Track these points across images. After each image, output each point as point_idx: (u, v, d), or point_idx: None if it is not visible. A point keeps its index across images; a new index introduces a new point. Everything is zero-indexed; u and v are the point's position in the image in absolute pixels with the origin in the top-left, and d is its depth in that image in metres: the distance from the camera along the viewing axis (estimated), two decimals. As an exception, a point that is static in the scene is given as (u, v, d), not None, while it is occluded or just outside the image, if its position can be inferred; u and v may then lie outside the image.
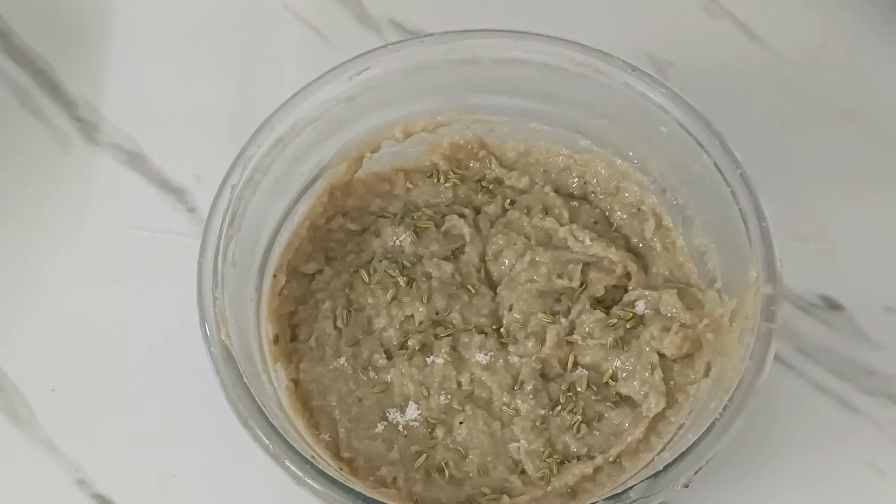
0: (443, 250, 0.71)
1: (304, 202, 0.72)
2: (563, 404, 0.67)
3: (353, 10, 0.84)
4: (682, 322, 0.68)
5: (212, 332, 0.63)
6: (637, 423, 0.66)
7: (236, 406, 0.61)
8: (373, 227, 0.72)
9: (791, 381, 0.72)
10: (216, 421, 0.66)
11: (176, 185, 0.79)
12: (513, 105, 0.72)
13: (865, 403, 0.72)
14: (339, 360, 0.68)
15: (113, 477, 0.70)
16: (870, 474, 0.70)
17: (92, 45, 0.83)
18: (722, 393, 0.62)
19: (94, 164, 0.79)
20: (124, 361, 0.73)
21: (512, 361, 0.68)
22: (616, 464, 0.66)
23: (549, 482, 0.65)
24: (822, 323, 0.74)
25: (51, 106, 0.81)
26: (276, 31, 0.84)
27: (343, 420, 0.67)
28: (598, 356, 0.68)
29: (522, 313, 0.69)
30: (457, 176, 0.74)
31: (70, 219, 0.78)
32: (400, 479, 0.65)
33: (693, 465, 0.60)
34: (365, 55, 0.70)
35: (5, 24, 0.83)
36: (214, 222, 0.65)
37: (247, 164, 0.67)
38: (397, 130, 0.73)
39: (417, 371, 0.67)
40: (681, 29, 0.83)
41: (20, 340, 0.74)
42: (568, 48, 0.69)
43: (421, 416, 0.67)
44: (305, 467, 0.60)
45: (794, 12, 0.84)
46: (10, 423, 0.71)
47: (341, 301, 0.70)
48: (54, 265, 0.76)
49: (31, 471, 0.70)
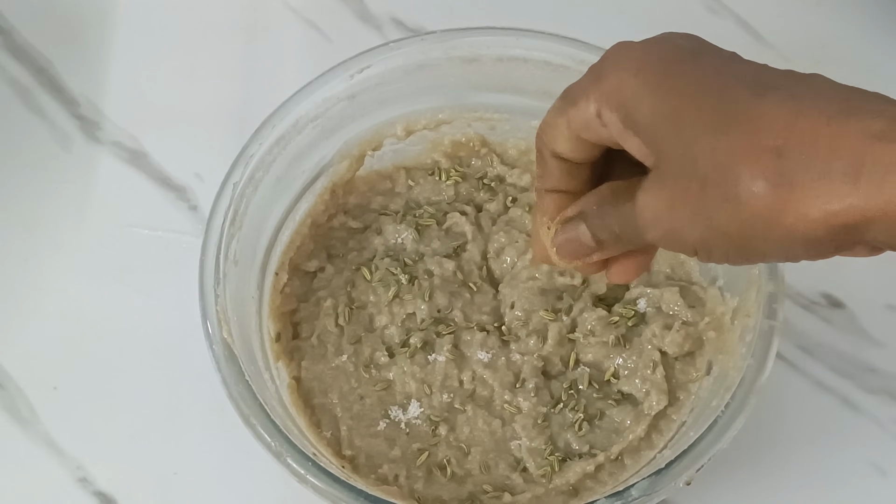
0: (444, 248, 0.71)
1: (305, 200, 0.72)
2: (565, 402, 0.67)
3: (354, 8, 0.84)
4: (683, 320, 0.68)
5: (213, 330, 0.63)
6: (639, 420, 0.66)
7: (238, 404, 0.61)
8: (374, 225, 0.72)
9: (793, 378, 0.72)
10: (218, 419, 0.66)
11: (177, 184, 0.79)
12: (514, 103, 0.72)
13: (867, 401, 0.72)
14: (341, 357, 0.68)
15: (114, 475, 0.70)
16: (871, 472, 0.70)
17: (93, 43, 0.83)
18: (723, 391, 0.62)
19: (96, 163, 0.79)
20: (126, 359, 0.73)
21: (513, 359, 0.68)
22: (617, 461, 0.66)
23: (550, 480, 0.65)
24: (824, 321, 0.74)
25: (52, 104, 0.81)
26: (277, 29, 0.84)
27: (345, 418, 0.67)
28: (600, 354, 0.68)
29: (524, 311, 0.69)
30: (458, 174, 0.74)
31: (71, 217, 0.78)
32: (402, 477, 0.65)
33: (695, 462, 0.60)
34: (366, 53, 0.70)
35: (6, 23, 0.83)
36: (216, 220, 0.65)
37: (248, 162, 0.67)
38: (399, 128, 0.73)
39: (419, 369, 0.67)
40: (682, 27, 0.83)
41: (21, 338, 0.74)
42: (569, 46, 0.69)
43: (423, 413, 0.67)
44: (307, 465, 0.60)
45: (796, 11, 0.84)
46: (12, 422, 0.71)
47: (343, 299, 0.70)
48: (55, 263, 0.76)
49: (32, 469, 0.70)
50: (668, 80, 0.49)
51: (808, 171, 0.44)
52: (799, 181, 0.44)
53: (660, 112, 0.48)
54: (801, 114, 0.45)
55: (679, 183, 0.48)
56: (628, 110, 0.49)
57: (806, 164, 0.44)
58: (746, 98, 0.47)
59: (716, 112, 0.47)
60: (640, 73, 0.49)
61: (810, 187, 0.44)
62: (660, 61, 0.50)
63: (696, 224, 0.48)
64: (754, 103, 0.46)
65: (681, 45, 0.51)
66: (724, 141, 0.46)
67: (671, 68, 0.49)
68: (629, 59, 0.50)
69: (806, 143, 0.44)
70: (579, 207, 0.54)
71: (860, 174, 0.44)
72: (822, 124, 0.44)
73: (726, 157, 0.46)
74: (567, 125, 0.53)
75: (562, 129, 0.53)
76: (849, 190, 0.44)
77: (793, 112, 0.45)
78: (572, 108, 0.52)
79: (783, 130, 0.45)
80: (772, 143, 0.45)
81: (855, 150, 0.44)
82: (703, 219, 0.48)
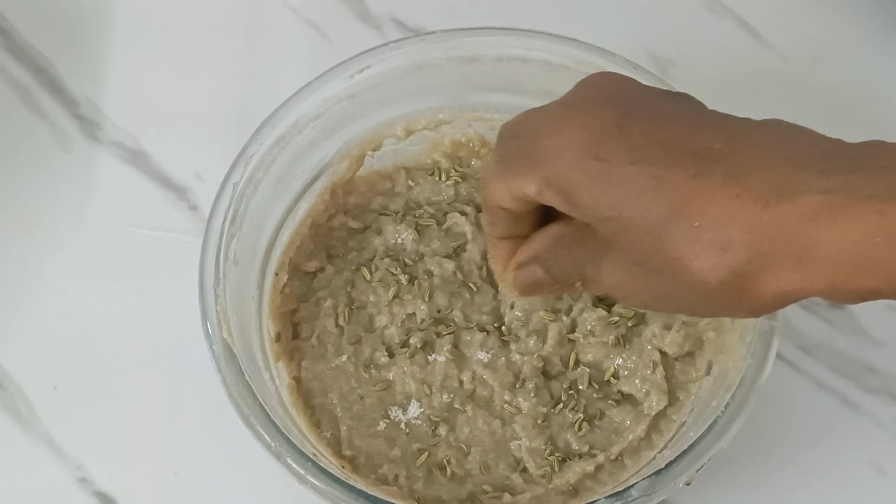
0: (444, 248, 0.71)
1: (305, 200, 0.72)
2: (565, 402, 0.67)
3: (354, 8, 0.84)
4: (683, 320, 0.68)
5: (213, 330, 0.63)
6: (639, 420, 0.66)
7: (238, 404, 0.61)
8: (374, 225, 0.72)
9: (793, 379, 0.72)
10: (218, 419, 0.66)
11: (177, 184, 0.79)
12: (514, 103, 0.72)
13: (867, 401, 0.72)
14: (341, 357, 0.68)
15: (114, 475, 0.70)
16: (871, 472, 0.70)
17: (93, 43, 0.83)
18: (723, 391, 0.62)
19: (95, 163, 0.79)
20: (126, 359, 0.73)
21: (513, 359, 0.68)
22: (617, 462, 0.66)
23: (550, 480, 0.65)
24: (824, 321, 0.74)
25: (52, 104, 0.81)
26: (277, 29, 0.84)
27: (345, 418, 0.67)
28: (600, 354, 0.68)
29: (524, 311, 0.69)
30: (458, 174, 0.74)
31: (71, 217, 0.77)
32: (402, 477, 0.65)
33: (695, 462, 0.60)
34: (366, 53, 0.70)
35: (6, 23, 0.83)
36: (216, 220, 0.65)
37: (248, 162, 0.67)
38: (399, 128, 0.73)
39: (419, 369, 0.67)
40: (682, 27, 0.83)
41: (21, 338, 0.74)
42: (569, 46, 0.69)
43: (423, 413, 0.67)
44: (307, 465, 0.60)
45: (796, 10, 0.84)
46: (12, 421, 0.71)
47: (343, 299, 0.70)
48: (55, 263, 0.76)
49: (32, 469, 0.70)
50: (607, 167, 0.50)
51: (752, 264, 0.47)
52: (748, 274, 0.47)
53: (603, 205, 0.50)
54: (739, 199, 0.47)
55: (633, 272, 0.51)
56: (571, 199, 0.51)
57: (748, 259, 0.47)
58: (685, 182, 0.48)
59: (657, 202, 0.48)
60: (577, 164, 0.50)
61: (758, 278, 0.47)
62: (595, 144, 0.50)
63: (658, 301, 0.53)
64: (693, 190, 0.48)
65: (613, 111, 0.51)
66: (671, 236, 0.48)
67: (607, 149, 0.50)
68: (566, 145, 0.51)
69: (747, 233, 0.47)
70: (532, 252, 0.56)
71: (801, 259, 0.46)
72: (760, 210, 0.47)
73: (674, 251, 0.48)
74: (508, 191, 0.54)
75: (503, 192, 0.54)
76: (793, 275, 0.47)
77: (731, 198, 0.47)
78: (512, 180, 0.53)
79: (724, 223, 0.47)
80: (715, 238, 0.47)
81: (793, 235, 0.46)
82: (663, 301, 0.53)
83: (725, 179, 0.47)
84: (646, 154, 0.49)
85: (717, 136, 0.49)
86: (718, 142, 0.49)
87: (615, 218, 0.49)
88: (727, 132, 0.50)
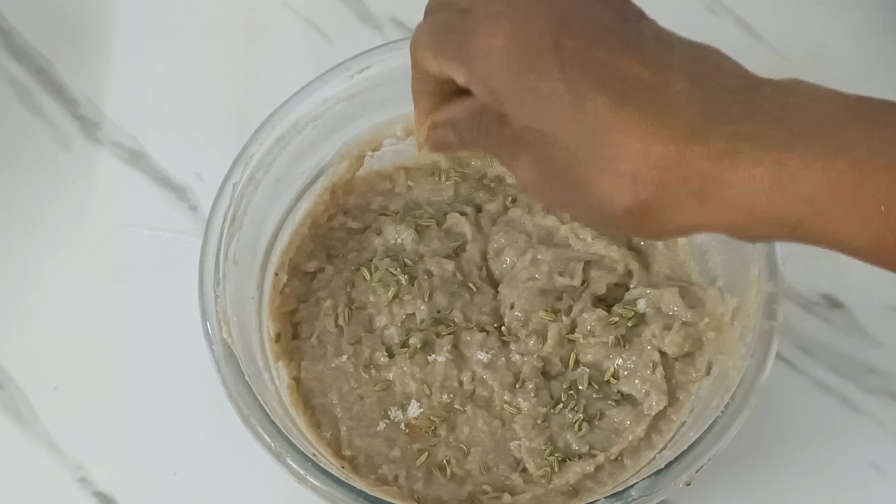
0: (444, 248, 0.71)
1: (305, 200, 0.72)
2: (565, 402, 0.67)
3: (354, 8, 0.84)
4: (683, 320, 0.68)
5: (213, 331, 0.63)
6: (638, 421, 0.66)
7: (238, 404, 0.61)
8: (374, 226, 0.72)
9: (792, 379, 0.72)
10: (218, 419, 0.66)
11: (177, 184, 0.79)
12: (514, 103, 0.72)
13: (866, 401, 0.72)
14: (341, 358, 0.68)
15: (114, 475, 0.70)
16: (871, 472, 0.70)
17: (93, 44, 0.83)
18: (723, 391, 0.62)
19: (95, 163, 0.79)
20: (126, 359, 0.73)
21: (513, 360, 0.68)
22: (617, 462, 0.66)
23: (550, 480, 0.65)
24: (824, 321, 0.74)
25: (52, 104, 0.81)
26: (277, 30, 0.84)
27: (344, 418, 0.67)
28: (600, 354, 0.68)
29: (524, 311, 0.69)
30: (458, 174, 0.74)
31: (71, 217, 0.78)
32: (401, 477, 0.65)
33: (694, 463, 0.60)
34: (366, 53, 0.70)
35: (6, 23, 0.83)
36: (216, 221, 0.66)
37: (248, 162, 0.67)
38: (398, 128, 0.73)
39: (419, 369, 0.67)
40: (682, 27, 0.83)
41: (21, 338, 0.74)
42: (569, 46, 0.69)
43: (423, 414, 0.67)
44: (307, 465, 0.60)
45: (796, 10, 0.84)
46: (12, 421, 0.71)
47: (343, 299, 0.70)
48: (55, 263, 0.76)
49: (32, 469, 0.70)
50: (536, 80, 0.50)
51: (658, 198, 0.49)
52: (653, 206, 0.49)
53: (527, 115, 0.51)
54: (654, 137, 0.49)
55: (547, 176, 0.52)
56: (497, 99, 0.52)
57: (655, 193, 0.49)
58: (607, 109, 0.49)
59: (579, 124, 0.50)
60: (509, 70, 0.51)
61: (661, 211, 0.50)
62: (529, 53, 0.51)
63: (565, 209, 0.60)
64: (614, 121, 0.49)
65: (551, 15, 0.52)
66: (587, 158, 0.50)
67: (539, 60, 0.51)
68: (500, 48, 0.51)
69: (656, 169, 0.49)
70: (449, 116, 0.57)
71: (703, 199, 0.49)
72: (672, 150, 0.49)
73: (588, 174, 0.50)
74: (437, 66, 0.55)
75: (432, 64, 0.55)
76: (695, 213, 0.49)
77: (647, 134, 0.49)
78: (444, 62, 0.54)
79: (637, 158, 0.49)
80: (627, 168, 0.49)
81: (699, 176, 0.48)
82: (570, 210, 0.57)
83: (645, 115, 0.49)
84: (576, 74, 0.50)
85: (648, 63, 0.51)
86: (648, 71, 0.50)
87: (537, 129, 0.51)
88: (660, 62, 0.51)
